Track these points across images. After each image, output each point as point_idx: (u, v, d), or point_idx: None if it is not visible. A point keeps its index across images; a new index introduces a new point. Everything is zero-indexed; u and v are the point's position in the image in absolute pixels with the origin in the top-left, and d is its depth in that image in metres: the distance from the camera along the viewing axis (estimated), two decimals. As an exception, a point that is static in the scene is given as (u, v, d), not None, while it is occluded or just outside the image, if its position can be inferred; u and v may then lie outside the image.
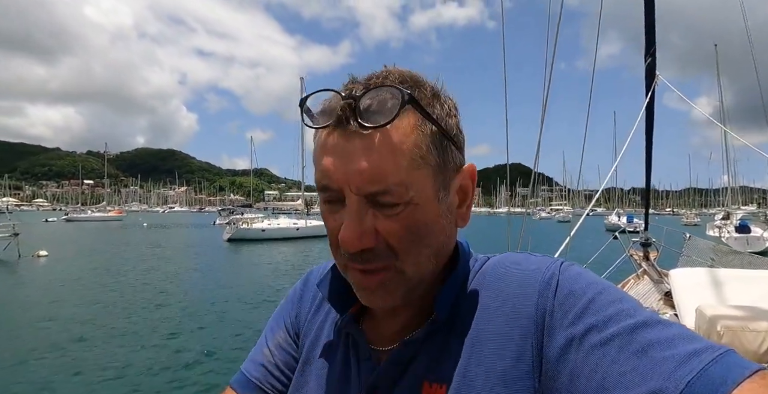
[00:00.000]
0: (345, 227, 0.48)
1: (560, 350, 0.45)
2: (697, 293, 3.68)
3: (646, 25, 4.19)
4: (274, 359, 0.67)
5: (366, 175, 0.47)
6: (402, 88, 0.47)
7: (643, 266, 5.27)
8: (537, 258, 0.55)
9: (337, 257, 0.54)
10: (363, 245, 0.48)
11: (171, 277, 14.36)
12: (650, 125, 4.59)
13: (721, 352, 0.38)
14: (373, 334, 0.60)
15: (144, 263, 17.89)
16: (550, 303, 0.48)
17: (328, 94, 0.51)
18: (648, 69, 4.26)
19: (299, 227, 31.46)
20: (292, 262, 18.97)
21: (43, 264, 17.24)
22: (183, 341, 7.44)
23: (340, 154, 0.48)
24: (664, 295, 4.40)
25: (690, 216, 65.62)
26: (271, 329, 0.70)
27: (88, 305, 10.05)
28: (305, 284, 0.72)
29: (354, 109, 0.47)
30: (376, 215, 0.49)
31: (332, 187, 0.49)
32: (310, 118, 0.52)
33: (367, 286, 0.51)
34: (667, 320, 0.44)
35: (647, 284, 4.80)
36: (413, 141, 0.49)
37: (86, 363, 6.33)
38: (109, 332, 7.92)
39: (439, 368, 0.52)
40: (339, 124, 0.48)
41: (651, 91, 4.28)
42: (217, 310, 9.72)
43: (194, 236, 34.61)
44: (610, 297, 0.46)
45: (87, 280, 13.43)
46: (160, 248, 24.26)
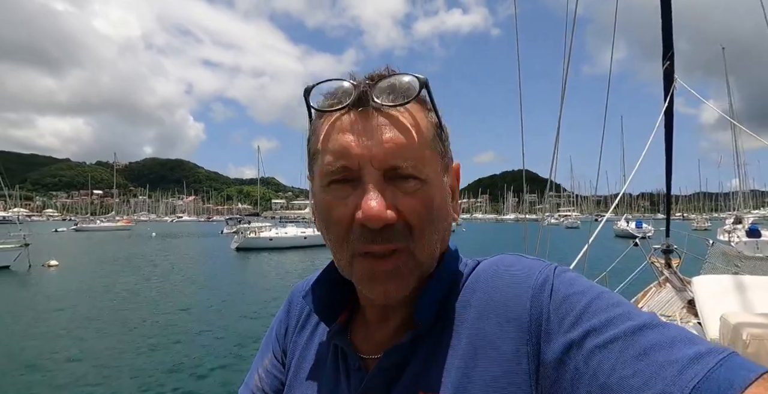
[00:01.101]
0: (368, 203, 0.47)
1: (559, 355, 0.44)
2: (722, 301, 3.60)
3: (663, 29, 4.13)
4: (262, 384, 0.67)
5: (389, 148, 0.48)
6: (417, 75, 0.51)
7: (665, 274, 5.15)
8: (529, 261, 0.53)
9: (343, 249, 0.52)
10: (388, 219, 0.48)
11: (180, 286, 14.37)
12: (669, 130, 4.51)
13: (725, 355, 0.38)
14: (363, 342, 0.59)
15: (153, 272, 17.94)
16: (545, 308, 0.47)
17: (332, 85, 0.53)
18: (666, 73, 4.19)
19: (307, 236, 31.42)
20: (300, 270, 18.91)
21: (53, 274, 17.33)
22: (192, 351, 7.40)
23: (360, 132, 0.49)
24: (687, 303, 4.30)
25: (700, 221, 64.88)
26: (261, 352, 0.71)
27: (99, 315, 10.06)
28: (291, 301, 0.72)
29: (372, 90, 0.50)
30: (395, 193, 0.49)
31: (350, 165, 0.49)
32: (317, 105, 0.54)
33: (380, 273, 0.50)
34: (667, 323, 0.43)
35: (669, 291, 4.69)
36: (425, 125, 0.52)
37: (96, 371, 6.29)
38: (119, 340, 7.89)
39: (432, 377, 0.50)
40: (357, 104, 0.50)
41: (670, 96, 4.21)
42: (225, 319, 9.68)
43: (202, 246, 34.71)
44: (607, 301, 0.45)
45: (97, 290, 13.47)
46: (168, 258, 24.34)
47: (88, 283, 14.84)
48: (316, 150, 0.54)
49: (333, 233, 0.52)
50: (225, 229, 50.09)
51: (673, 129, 4.54)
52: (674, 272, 5.15)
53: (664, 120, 4.36)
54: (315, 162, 0.55)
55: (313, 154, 0.55)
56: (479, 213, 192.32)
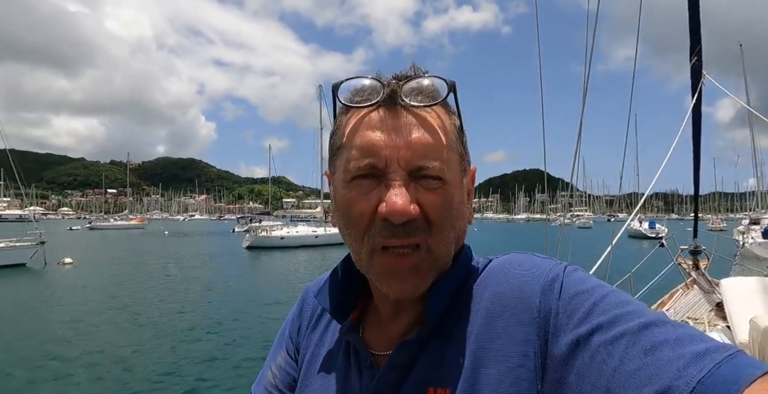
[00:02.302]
0: (392, 198, 0.48)
1: (566, 351, 0.44)
2: (752, 304, 3.50)
3: (690, 26, 4.01)
4: (275, 381, 0.68)
5: (416, 148, 0.49)
6: (446, 78, 0.53)
7: (692, 275, 5.00)
8: (540, 260, 0.54)
9: (362, 244, 0.52)
10: (411, 214, 0.49)
11: (192, 284, 14.44)
12: (698, 127, 4.35)
13: (731, 352, 0.38)
14: (375, 339, 0.59)
15: (166, 270, 18.08)
16: (554, 305, 0.47)
17: (361, 82, 0.53)
18: (693, 69, 4.04)
19: (318, 235, 31.49)
20: (311, 269, 18.94)
21: (68, 271, 17.54)
22: (205, 348, 7.40)
23: (389, 130, 0.50)
24: (715, 306, 4.17)
25: (716, 221, 63.56)
26: (274, 349, 0.72)
27: (111, 311, 10.15)
28: (304, 299, 0.72)
29: (400, 89, 0.50)
30: (417, 188, 0.50)
31: (377, 162, 0.50)
32: (345, 100, 0.54)
33: (399, 270, 0.51)
34: (675, 321, 0.43)
35: (697, 293, 4.55)
36: (449, 127, 0.53)
37: (109, 367, 6.33)
38: (129, 337, 7.92)
39: (442, 373, 0.51)
40: (386, 102, 0.51)
41: (698, 92, 4.06)
42: (238, 317, 9.68)
43: (214, 244, 34.94)
44: (617, 299, 0.46)
45: (111, 287, 13.60)
46: (181, 256, 24.52)
47: (101, 280, 15.00)
48: (340, 145, 0.54)
49: (353, 227, 0.52)
50: (236, 227, 50.42)
51: (701, 126, 4.38)
52: (702, 273, 5.00)
53: (691, 117, 4.22)
54: (338, 157, 0.54)
55: (336, 149, 0.55)
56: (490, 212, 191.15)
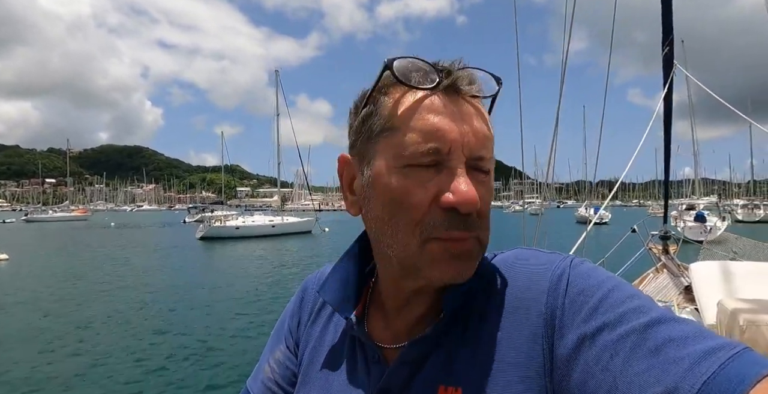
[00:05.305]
0: (462, 186, 0.46)
1: (572, 349, 0.44)
2: (719, 287, 3.57)
3: (663, 14, 4.02)
4: (274, 376, 0.66)
5: (480, 137, 0.49)
6: (495, 74, 0.53)
7: (662, 260, 5.12)
8: (546, 255, 0.53)
9: (413, 235, 0.49)
10: (479, 205, 0.48)
11: (142, 279, 13.68)
12: (668, 116, 4.40)
13: (737, 350, 0.37)
14: (381, 333, 0.58)
15: (113, 265, 17.05)
16: (560, 301, 0.47)
17: (416, 63, 0.50)
18: (665, 59, 4.06)
19: (275, 224, 30.88)
20: (270, 260, 18.50)
21: (2, 269, 16.25)
22: (155, 345, 6.96)
23: (455, 116, 0.48)
24: (684, 289, 4.27)
25: (655, 207, 67.48)
26: (271, 345, 0.70)
27: (53, 311, 9.41)
28: (304, 293, 0.70)
29: (463, 79, 0.50)
30: (473, 181, 0.48)
31: (442, 148, 0.47)
32: (401, 79, 0.49)
33: (459, 252, 0.49)
34: (681, 317, 0.43)
35: (666, 278, 4.66)
36: (491, 121, 0.54)
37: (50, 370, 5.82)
38: (75, 338, 7.35)
39: (452, 371, 0.50)
40: (448, 88, 0.49)
41: (669, 82, 4.09)
42: (194, 311, 9.24)
43: (165, 235, 33.53)
44: (623, 294, 0.45)
45: (51, 284, 12.66)
46: (129, 249, 23.28)
47: (40, 277, 13.98)
48: (390, 127, 0.49)
49: (404, 217, 0.48)
50: (187, 218, 48.74)
51: (672, 115, 4.44)
52: (671, 258, 5.12)
53: (663, 106, 4.27)
54: (383, 140, 0.50)
55: (380, 131, 0.50)
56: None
